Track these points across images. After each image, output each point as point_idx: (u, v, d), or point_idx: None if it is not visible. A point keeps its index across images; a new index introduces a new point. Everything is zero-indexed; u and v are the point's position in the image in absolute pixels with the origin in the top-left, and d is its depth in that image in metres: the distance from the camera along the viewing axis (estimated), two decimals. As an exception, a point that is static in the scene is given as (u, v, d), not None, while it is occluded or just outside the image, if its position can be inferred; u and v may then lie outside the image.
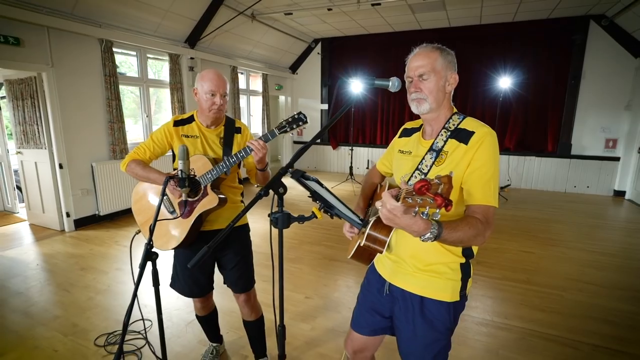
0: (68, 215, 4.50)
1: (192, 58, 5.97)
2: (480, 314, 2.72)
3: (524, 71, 7.00)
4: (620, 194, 6.64)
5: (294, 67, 9.21)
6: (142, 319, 2.54)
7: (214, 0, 5.51)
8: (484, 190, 1.13)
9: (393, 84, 1.16)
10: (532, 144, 7.40)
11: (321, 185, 1.02)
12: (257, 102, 8.35)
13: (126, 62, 5.81)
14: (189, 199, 1.68)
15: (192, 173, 1.56)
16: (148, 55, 5.53)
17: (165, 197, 1.76)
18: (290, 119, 1.63)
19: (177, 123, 1.80)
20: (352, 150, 7.95)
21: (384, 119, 8.52)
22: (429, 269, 1.25)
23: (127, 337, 2.41)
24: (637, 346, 2.36)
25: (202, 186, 1.67)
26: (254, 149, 1.60)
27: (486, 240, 1.12)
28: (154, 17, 5.09)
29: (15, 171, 5.27)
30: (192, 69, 5.99)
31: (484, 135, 1.16)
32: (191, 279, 1.85)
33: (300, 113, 1.63)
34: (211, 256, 1.83)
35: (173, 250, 1.82)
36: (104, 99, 4.76)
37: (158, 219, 1.34)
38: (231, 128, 1.81)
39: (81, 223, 4.65)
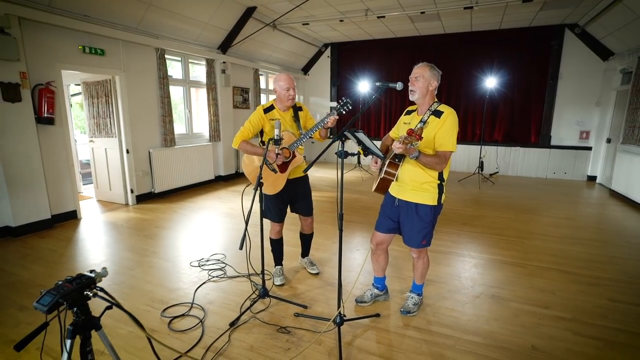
0: (132, 191, 5.54)
1: (224, 62, 7.00)
2: (460, 251, 3.75)
3: (509, 72, 8.03)
4: (592, 178, 7.66)
5: (306, 69, 10.24)
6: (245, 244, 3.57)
7: (244, 13, 6.54)
8: (445, 141, 2.14)
9: (399, 86, 2.16)
10: (518, 136, 8.41)
11: (364, 134, 2.03)
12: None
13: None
14: (285, 160, 2.64)
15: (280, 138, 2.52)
16: (190, 61, 6.57)
17: (269, 164, 2.64)
18: (341, 103, 2.51)
19: (265, 111, 2.70)
20: (358, 142, 8.95)
21: (387, 114, 9.54)
22: (419, 187, 2.27)
23: (209, 264, 3.43)
24: (567, 266, 3.40)
25: (291, 151, 2.65)
26: (330, 122, 2.50)
27: (444, 168, 2.16)
28: (196, 28, 6.12)
29: (86, 162, 6.29)
30: (224, 72, 7.02)
31: (448, 113, 2.17)
32: (278, 209, 2.83)
33: (346, 98, 2.51)
34: (288, 194, 2.83)
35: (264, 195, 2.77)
36: (158, 97, 5.80)
37: (262, 179, 2.35)
38: (296, 109, 2.79)
39: (141, 199, 5.69)
